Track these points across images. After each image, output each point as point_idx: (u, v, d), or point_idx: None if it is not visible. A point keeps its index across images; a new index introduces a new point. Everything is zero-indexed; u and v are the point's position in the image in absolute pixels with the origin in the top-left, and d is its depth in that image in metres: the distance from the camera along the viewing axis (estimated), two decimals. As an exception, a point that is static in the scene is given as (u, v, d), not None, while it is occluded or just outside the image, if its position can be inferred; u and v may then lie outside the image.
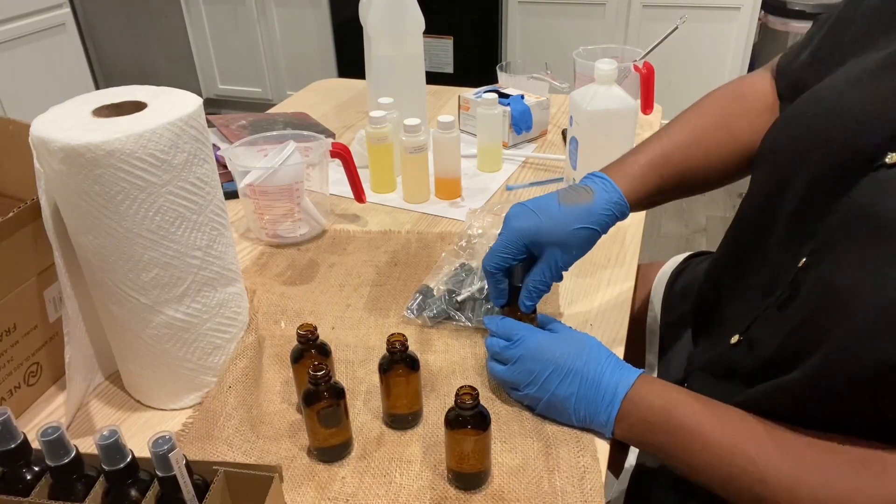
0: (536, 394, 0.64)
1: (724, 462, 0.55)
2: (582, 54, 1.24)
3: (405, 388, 0.64)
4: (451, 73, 3.00)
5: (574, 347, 0.64)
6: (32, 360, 0.68)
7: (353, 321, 0.81)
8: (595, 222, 0.67)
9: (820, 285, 0.52)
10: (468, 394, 0.56)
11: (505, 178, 1.14)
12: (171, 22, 3.21)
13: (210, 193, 0.64)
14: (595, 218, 0.67)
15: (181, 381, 0.68)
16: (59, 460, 0.46)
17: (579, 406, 0.62)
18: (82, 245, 0.61)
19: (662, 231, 2.54)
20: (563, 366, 0.63)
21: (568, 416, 0.63)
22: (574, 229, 0.66)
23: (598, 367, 0.62)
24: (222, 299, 0.69)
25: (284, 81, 3.32)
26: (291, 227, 0.96)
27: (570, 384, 0.62)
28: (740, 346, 0.63)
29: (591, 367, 0.62)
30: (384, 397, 0.65)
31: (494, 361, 0.68)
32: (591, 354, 0.63)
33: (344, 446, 0.63)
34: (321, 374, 0.58)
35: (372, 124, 1.03)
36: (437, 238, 0.97)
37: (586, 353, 0.63)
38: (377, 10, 1.11)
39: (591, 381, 0.62)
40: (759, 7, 2.61)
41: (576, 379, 0.62)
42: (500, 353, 0.66)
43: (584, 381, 0.62)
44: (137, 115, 0.59)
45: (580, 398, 0.62)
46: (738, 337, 0.64)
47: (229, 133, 1.23)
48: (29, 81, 2.44)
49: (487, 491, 0.59)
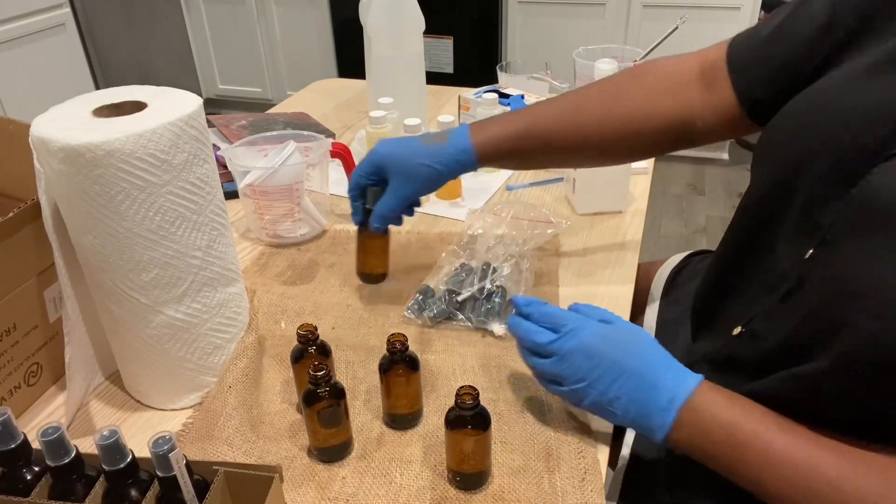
0: (584, 391, 0.59)
1: (799, 484, 0.52)
2: (582, 54, 1.24)
3: (405, 388, 0.64)
4: (451, 73, 3.00)
5: (629, 344, 0.60)
6: (32, 360, 0.68)
7: (353, 321, 0.81)
8: (439, 163, 0.74)
9: (829, 276, 0.52)
10: (468, 394, 0.56)
11: (505, 179, 1.14)
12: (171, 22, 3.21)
13: (210, 193, 0.64)
14: (440, 159, 0.74)
15: (181, 381, 0.68)
16: (59, 460, 0.46)
17: (629, 407, 0.58)
18: (82, 245, 0.61)
19: (662, 231, 2.54)
20: (618, 363, 0.59)
21: (612, 414, 0.59)
22: (419, 164, 0.74)
23: (655, 368, 0.59)
24: (222, 299, 0.69)
25: (284, 81, 3.32)
26: (291, 227, 0.96)
27: (623, 384, 0.58)
28: (742, 337, 0.63)
29: (648, 368, 0.58)
30: (384, 397, 0.65)
31: (533, 353, 0.63)
32: (647, 351, 0.60)
33: (344, 446, 0.63)
34: (321, 374, 0.58)
35: (372, 124, 1.03)
36: (437, 238, 0.97)
37: (644, 351, 0.60)
38: (377, 10, 1.11)
39: (647, 382, 0.58)
40: (759, 7, 2.61)
41: (630, 379, 0.58)
42: (546, 345, 0.61)
43: (640, 382, 0.58)
44: (137, 115, 0.59)
45: (632, 400, 0.58)
46: (740, 328, 0.63)
47: (229, 133, 1.23)
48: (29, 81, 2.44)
49: (488, 491, 0.59)
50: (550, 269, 0.89)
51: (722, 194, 2.74)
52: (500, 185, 1.12)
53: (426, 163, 0.73)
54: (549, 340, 0.61)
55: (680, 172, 2.91)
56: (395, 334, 0.63)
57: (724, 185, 2.81)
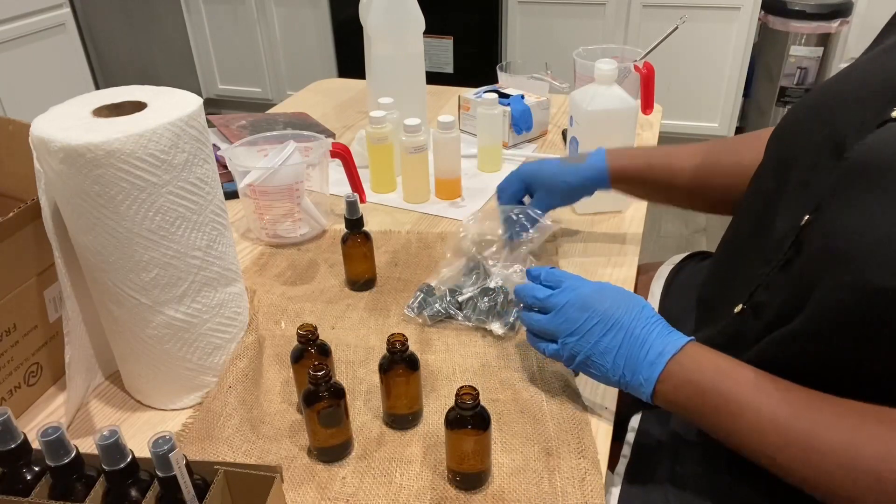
0: (577, 345, 0.62)
1: (778, 432, 0.53)
2: (582, 54, 1.24)
3: (405, 388, 0.64)
4: (451, 73, 3.00)
5: (623, 301, 0.63)
6: (32, 360, 0.68)
7: (353, 321, 0.81)
8: (576, 179, 0.85)
9: (819, 237, 0.53)
10: (468, 394, 0.56)
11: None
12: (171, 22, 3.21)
13: (210, 193, 0.64)
14: (577, 177, 0.85)
15: (181, 381, 0.68)
16: (59, 460, 0.46)
17: (619, 361, 0.60)
18: (82, 245, 0.61)
19: (662, 231, 2.54)
20: (611, 317, 0.61)
21: (605, 371, 0.62)
22: (560, 180, 0.86)
23: (647, 326, 0.61)
24: (222, 299, 0.69)
25: (284, 81, 3.31)
26: (291, 227, 0.96)
27: (613, 337, 0.61)
28: (745, 314, 0.63)
29: (638, 324, 0.61)
30: (384, 397, 0.65)
31: (531, 311, 0.67)
32: (643, 312, 0.62)
33: (344, 446, 0.63)
34: (321, 374, 0.58)
35: (372, 124, 1.03)
36: (437, 238, 0.97)
37: (636, 309, 0.62)
38: (377, 10, 1.10)
39: (637, 338, 0.60)
40: (759, 7, 2.61)
41: (620, 332, 0.61)
42: (544, 300, 0.65)
43: (630, 337, 0.60)
44: (137, 115, 0.59)
45: (622, 353, 0.60)
46: (741, 306, 0.63)
47: (229, 133, 1.23)
48: (29, 81, 2.44)
49: (488, 491, 0.59)
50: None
51: (722, 194, 2.74)
52: (500, 185, 1.12)
53: (566, 179, 0.85)
54: (546, 295, 0.66)
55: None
56: (395, 334, 0.63)
57: (724, 185, 2.81)
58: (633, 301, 0.63)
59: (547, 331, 0.65)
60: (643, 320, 0.62)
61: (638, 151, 0.86)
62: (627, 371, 0.60)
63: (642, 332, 0.61)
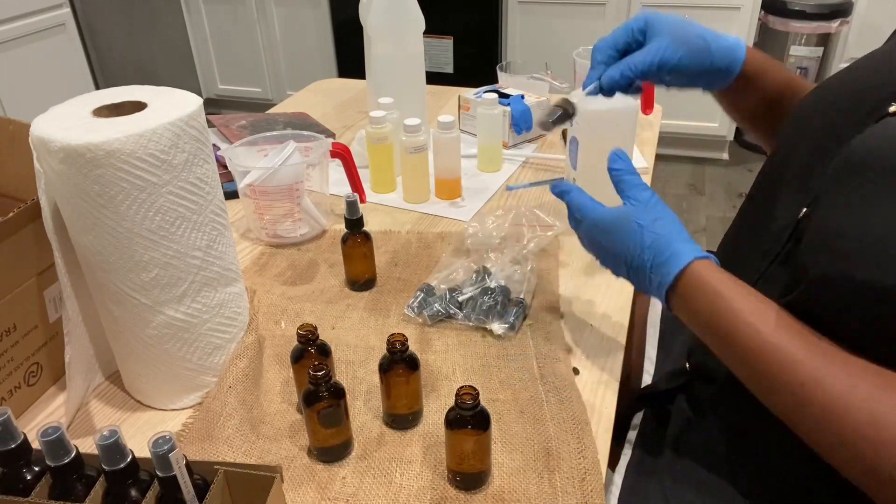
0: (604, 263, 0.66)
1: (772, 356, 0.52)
2: (582, 54, 1.24)
3: (405, 387, 0.64)
4: (451, 73, 3.00)
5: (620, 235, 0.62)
6: (32, 360, 0.68)
7: (353, 321, 0.81)
8: (715, 42, 0.69)
9: (815, 230, 0.53)
10: (468, 394, 0.56)
11: (505, 179, 1.14)
12: (171, 22, 3.21)
13: (210, 193, 0.64)
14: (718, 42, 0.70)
15: (181, 381, 0.68)
16: (59, 460, 0.46)
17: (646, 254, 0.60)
18: (82, 245, 0.61)
19: (662, 231, 2.54)
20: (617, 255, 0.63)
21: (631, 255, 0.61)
22: (696, 34, 0.69)
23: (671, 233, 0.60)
24: (222, 299, 0.69)
25: (284, 81, 3.31)
26: (291, 227, 0.96)
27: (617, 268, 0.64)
28: None
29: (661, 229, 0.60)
30: (384, 397, 0.65)
31: None
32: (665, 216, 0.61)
33: (344, 446, 0.63)
34: (321, 374, 0.58)
35: (372, 124, 1.03)
36: (437, 238, 0.97)
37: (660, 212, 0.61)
38: (377, 10, 1.10)
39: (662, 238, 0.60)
40: (759, 7, 2.61)
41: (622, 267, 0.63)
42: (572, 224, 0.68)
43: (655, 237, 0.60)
44: (137, 115, 0.59)
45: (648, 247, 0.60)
46: None
47: (229, 133, 1.23)
48: (29, 81, 2.44)
49: (488, 491, 0.59)
50: (551, 270, 0.89)
51: (722, 194, 2.74)
52: (500, 185, 1.12)
53: (703, 36, 0.70)
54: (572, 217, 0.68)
55: (680, 172, 2.91)
56: (394, 334, 0.63)
57: (724, 185, 2.81)
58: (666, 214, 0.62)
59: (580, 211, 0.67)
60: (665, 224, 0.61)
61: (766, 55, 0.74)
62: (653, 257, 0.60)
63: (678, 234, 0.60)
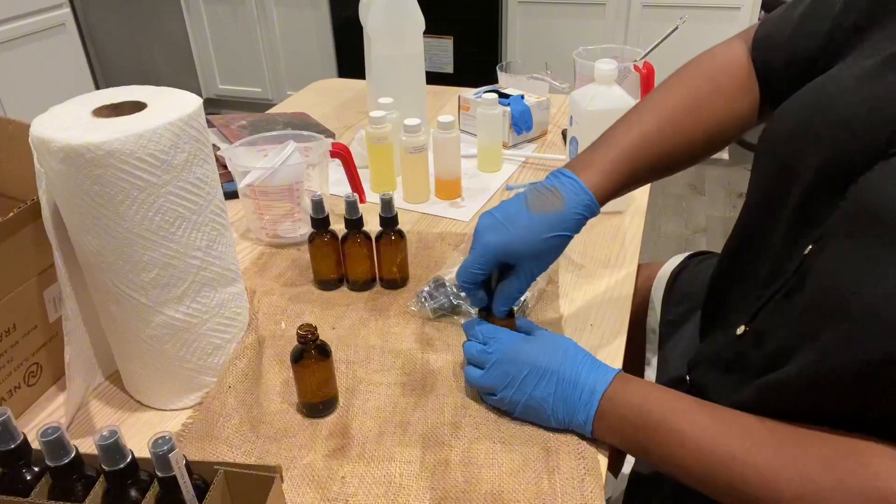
0: (514, 396, 0.63)
1: (703, 458, 0.55)
2: (582, 54, 1.24)
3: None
4: (451, 73, 3.00)
5: (550, 348, 0.64)
6: (32, 360, 0.68)
7: (353, 321, 0.81)
8: (567, 228, 0.65)
9: (822, 275, 0.52)
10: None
11: (505, 179, 1.14)
12: (171, 22, 3.21)
13: (210, 193, 0.64)
14: (567, 224, 0.65)
15: (181, 381, 0.68)
16: (59, 460, 0.46)
17: (557, 406, 0.62)
18: (82, 245, 0.61)
19: (662, 231, 2.54)
20: (540, 366, 0.62)
21: (546, 417, 0.63)
22: (546, 238, 0.64)
23: (575, 367, 0.62)
24: (222, 299, 0.69)
25: (284, 81, 3.32)
26: (291, 227, 0.96)
27: (546, 385, 0.62)
28: (746, 337, 0.63)
29: (567, 367, 0.62)
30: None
31: (471, 366, 0.67)
32: (568, 354, 0.63)
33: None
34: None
35: (372, 124, 1.03)
36: (437, 238, 0.96)
37: (562, 353, 0.63)
38: (377, 10, 1.10)
39: (568, 381, 0.62)
40: (759, 7, 2.61)
41: (552, 379, 0.62)
42: (477, 356, 0.65)
43: (561, 381, 0.62)
44: (137, 115, 0.59)
45: (558, 398, 0.62)
46: (743, 328, 0.63)
47: (229, 133, 1.23)
48: (29, 81, 2.44)
49: (488, 491, 0.59)
50: (551, 270, 0.88)
51: (722, 194, 2.74)
52: (500, 185, 1.12)
53: (556, 234, 0.65)
54: (479, 351, 0.66)
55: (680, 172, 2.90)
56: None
57: (724, 186, 2.81)
58: (560, 345, 0.65)
59: (483, 386, 0.66)
60: (570, 360, 0.63)
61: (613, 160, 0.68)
62: (566, 415, 0.62)
63: (572, 373, 0.62)
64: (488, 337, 0.66)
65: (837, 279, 0.49)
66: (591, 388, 0.61)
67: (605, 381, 0.61)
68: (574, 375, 0.62)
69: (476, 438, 0.64)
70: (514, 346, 0.64)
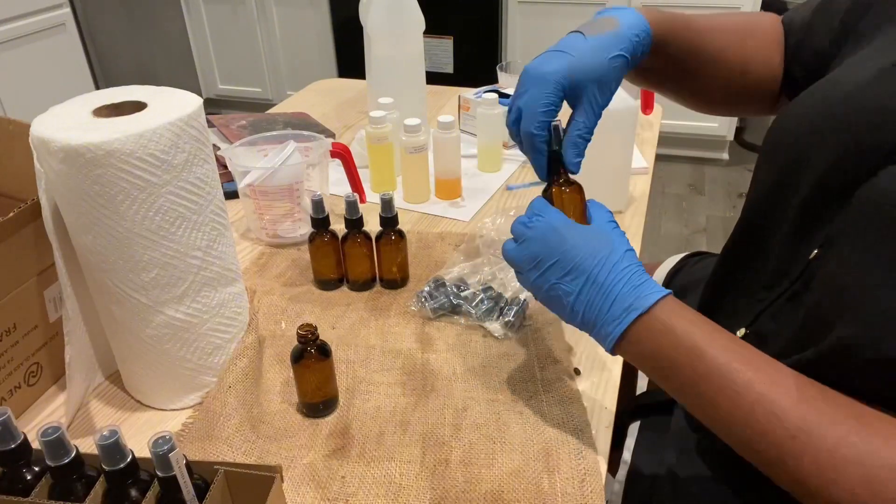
0: (536, 281, 0.58)
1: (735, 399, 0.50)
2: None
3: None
4: (451, 73, 3.00)
5: (592, 243, 0.57)
6: (32, 360, 0.68)
7: (353, 321, 0.81)
8: (625, 48, 0.60)
9: (828, 278, 0.52)
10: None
11: (505, 178, 1.14)
12: (171, 22, 3.21)
13: (210, 193, 0.64)
14: (624, 44, 0.60)
15: (181, 381, 0.68)
16: (59, 460, 0.46)
17: (579, 308, 0.56)
18: (82, 245, 0.61)
19: (662, 231, 2.54)
20: (571, 259, 0.56)
21: (566, 315, 0.58)
22: (608, 59, 0.60)
23: (613, 274, 0.55)
24: (222, 299, 0.69)
25: (284, 81, 3.31)
26: (291, 227, 0.96)
27: (572, 281, 0.56)
28: (747, 339, 0.63)
29: (602, 272, 0.55)
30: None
31: (510, 240, 0.61)
32: (611, 258, 0.56)
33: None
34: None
35: (372, 124, 1.03)
36: (437, 238, 0.96)
37: (605, 254, 0.56)
38: (377, 10, 1.10)
39: (598, 286, 0.55)
40: (759, 7, 2.61)
41: (580, 277, 0.56)
42: (516, 229, 0.60)
43: (590, 283, 0.55)
44: (137, 115, 0.59)
45: (582, 299, 0.56)
46: (744, 330, 0.63)
47: (229, 133, 1.23)
48: (29, 81, 2.44)
49: (488, 491, 0.59)
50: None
51: (722, 194, 2.74)
52: (500, 185, 1.12)
53: (617, 53, 0.60)
54: (520, 223, 0.60)
55: (680, 172, 2.91)
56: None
57: (724, 185, 2.81)
58: (605, 243, 0.57)
59: (511, 260, 0.60)
60: (608, 265, 0.56)
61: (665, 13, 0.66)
62: (587, 321, 0.57)
63: (606, 279, 0.55)
64: (536, 212, 0.60)
65: (845, 282, 0.49)
66: (628, 303, 0.54)
67: (645, 303, 0.54)
68: (608, 283, 0.55)
69: (476, 438, 0.64)
70: (553, 227, 0.58)
